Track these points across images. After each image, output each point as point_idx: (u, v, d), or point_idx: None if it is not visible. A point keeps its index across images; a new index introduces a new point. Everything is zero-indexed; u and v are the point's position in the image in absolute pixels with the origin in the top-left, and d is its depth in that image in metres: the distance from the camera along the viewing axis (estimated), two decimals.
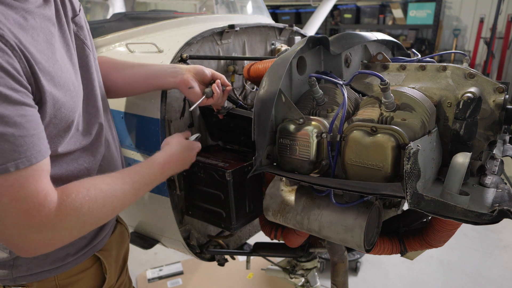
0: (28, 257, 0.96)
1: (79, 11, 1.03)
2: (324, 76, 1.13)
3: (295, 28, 1.87)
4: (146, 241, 1.68)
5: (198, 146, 1.22)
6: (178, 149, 1.14)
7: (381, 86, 0.94)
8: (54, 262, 1.00)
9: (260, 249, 1.65)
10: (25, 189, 0.75)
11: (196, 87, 1.19)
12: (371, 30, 6.37)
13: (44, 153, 0.79)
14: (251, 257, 1.90)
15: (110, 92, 1.22)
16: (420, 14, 6.92)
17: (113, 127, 1.21)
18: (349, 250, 1.71)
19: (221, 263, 1.70)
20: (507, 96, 1.00)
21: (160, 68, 1.23)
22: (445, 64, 1.09)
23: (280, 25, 1.80)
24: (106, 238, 1.16)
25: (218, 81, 1.23)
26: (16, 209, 0.75)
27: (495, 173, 1.01)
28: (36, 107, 0.79)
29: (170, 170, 1.11)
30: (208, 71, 1.24)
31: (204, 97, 1.20)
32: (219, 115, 1.35)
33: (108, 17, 2.65)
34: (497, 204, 0.84)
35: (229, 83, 1.29)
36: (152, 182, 1.05)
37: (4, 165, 0.71)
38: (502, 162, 1.06)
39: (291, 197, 1.17)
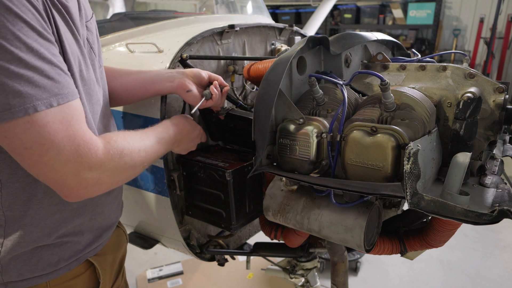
0: (19, 263, 0.95)
1: (91, 18, 1.05)
2: (324, 76, 1.13)
3: (295, 28, 1.87)
4: (146, 241, 1.68)
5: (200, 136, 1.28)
6: (183, 134, 1.20)
7: (381, 86, 0.94)
8: (46, 267, 0.98)
9: (260, 249, 1.65)
10: (73, 127, 0.80)
11: (194, 90, 1.19)
12: (371, 30, 6.37)
13: (76, 94, 0.83)
14: (251, 257, 1.90)
15: (109, 100, 1.22)
16: (420, 14, 6.92)
17: (115, 129, 1.21)
18: (349, 250, 1.71)
19: (221, 263, 1.70)
20: (507, 96, 1.00)
21: (157, 74, 1.23)
22: (445, 64, 1.09)
23: (280, 25, 1.80)
24: (102, 245, 1.14)
25: (215, 82, 1.23)
26: (69, 146, 0.79)
27: (495, 173, 1.01)
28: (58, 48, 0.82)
29: (178, 139, 1.18)
30: (205, 73, 1.24)
31: (203, 99, 1.20)
32: (219, 116, 1.35)
33: (108, 17, 2.65)
34: (497, 204, 0.84)
35: (227, 84, 1.29)
36: (168, 142, 1.12)
37: (48, 99, 0.75)
38: (502, 162, 1.06)
39: (291, 197, 1.17)
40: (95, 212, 1.07)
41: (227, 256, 1.72)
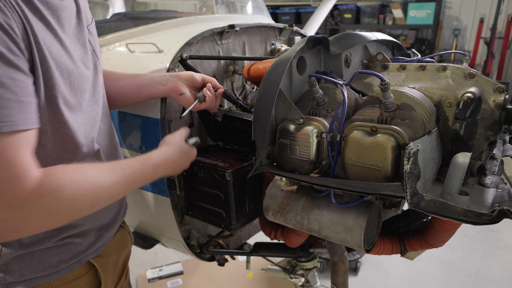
0: (21, 263, 0.93)
1: (91, 21, 1.05)
2: (324, 76, 1.13)
3: (295, 28, 1.87)
4: (146, 241, 1.68)
5: (194, 152, 1.19)
6: (176, 152, 1.08)
7: (381, 86, 0.94)
8: (47, 268, 0.98)
9: (260, 249, 1.65)
10: (5, 157, 0.71)
11: (187, 93, 1.20)
12: (371, 30, 6.36)
13: (31, 124, 0.75)
14: (251, 257, 1.90)
15: None
16: (420, 14, 6.92)
17: (114, 132, 1.20)
18: (349, 250, 1.71)
19: (221, 263, 1.70)
20: (507, 96, 1.00)
21: (151, 77, 1.23)
22: (445, 64, 1.09)
23: (280, 25, 1.80)
24: (104, 246, 1.13)
25: (208, 84, 1.23)
26: None
27: (495, 173, 1.01)
28: (31, 76, 0.77)
29: (162, 172, 1.04)
30: (199, 76, 1.24)
31: (196, 101, 1.20)
32: (216, 118, 1.35)
33: (108, 17, 2.65)
34: (497, 204, 0.84)
35: (221, 86, 1.28)
36: (143, 180, 0.98)
37: None
38: (502, 162, 1.06)
39: (291, 197, 1.17)
40: (95, 215, 1.03)
41: (227, 256, 1.71)
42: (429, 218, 1.15)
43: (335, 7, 7.53)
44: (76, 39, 0.95)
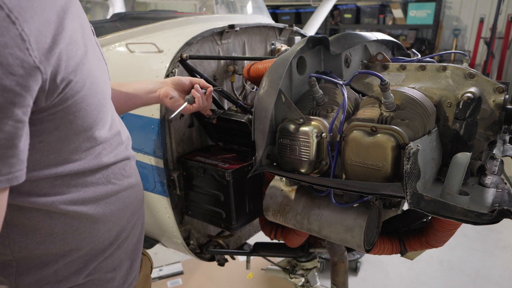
0: None
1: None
2: (324, 76, 1.13)
3: (295, 28, 1.87)
4: (146, 241, 1.68)
5: None
6: None
7: (381, 86, 0.94)
8: None
9: (260, 249, 1.65)
10: None
11: (177, 96, 1.20)
12: (371, 30, 6.36)
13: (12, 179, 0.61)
14: (251, 257, 1.90)
15: None
16: (420, 14, 6.92)
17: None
18: (349, 250, 1.71)
19: (221, 263, 1.70)
20: (507, 96, 1.00)
21: (139, 87, 1.20)
22: (445, 64, 1.09)
23: (280, 25, 1.80)
24: (136, 280, 0.99)
25: (196, 85, 1.23)
26: None
27: (495, 173, 1.01)
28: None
29: None
30: (186, 79, 1.24)
31: (185, 104, 1.20)
32: (211, 121, 1.35)
33: (108, 17, 2.65)
34: (497, 204, 0.84)
35: (209, 85, 1.28)
36: None
37: None
38: (502, 162, 1.06)
39: (291, 197, 1.17)
40: (126, 238, 0.93)
41: (227, 256, 1.72)
42: (429, 218, 1.15)
43: (335, 7, 7.53)
44: None
